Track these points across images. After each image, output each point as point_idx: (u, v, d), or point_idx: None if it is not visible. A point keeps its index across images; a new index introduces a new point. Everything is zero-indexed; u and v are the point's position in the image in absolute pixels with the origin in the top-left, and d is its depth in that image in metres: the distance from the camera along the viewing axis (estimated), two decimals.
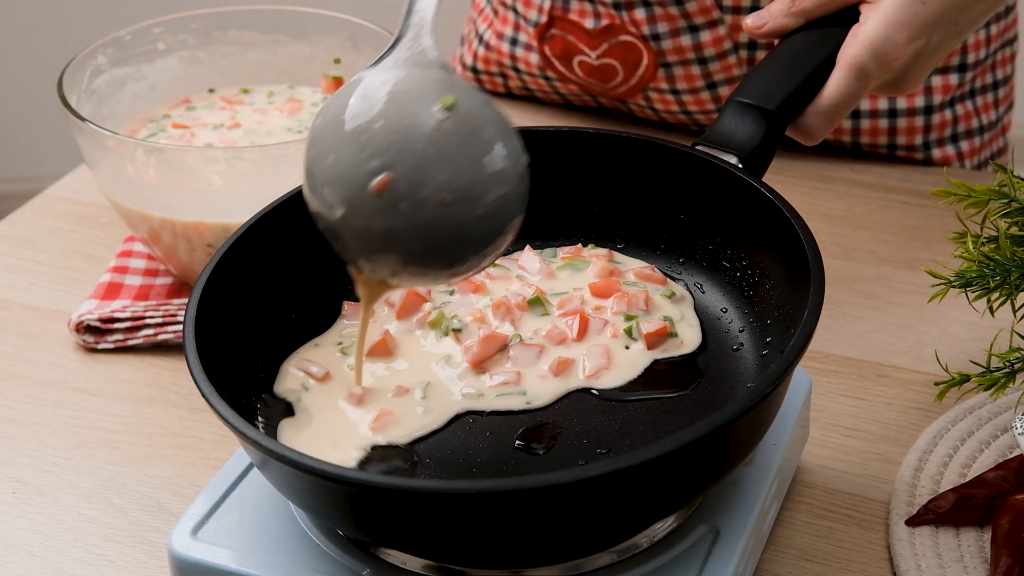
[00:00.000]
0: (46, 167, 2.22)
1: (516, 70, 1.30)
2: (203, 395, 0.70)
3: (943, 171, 0.92)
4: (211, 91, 1.16)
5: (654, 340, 0.81)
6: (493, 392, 0.78)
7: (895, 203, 1.18)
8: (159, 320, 1.01)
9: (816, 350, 1.00)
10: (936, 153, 1.24)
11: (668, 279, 0.86)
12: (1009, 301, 0.83)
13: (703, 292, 0.86)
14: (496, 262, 0.86)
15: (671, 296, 0.85)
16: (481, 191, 0.69)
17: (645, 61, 1.21)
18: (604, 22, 1.21)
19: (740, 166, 0.83)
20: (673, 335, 0.82)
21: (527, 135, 0.85)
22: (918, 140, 1.23)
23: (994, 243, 0.83)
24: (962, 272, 0.83)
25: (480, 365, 0.80)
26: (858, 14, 0.88)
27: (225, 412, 0.69)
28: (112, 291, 1.05)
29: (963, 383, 0.83)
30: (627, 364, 0.80)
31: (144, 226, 1.02)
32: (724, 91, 1.22)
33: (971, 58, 1.21)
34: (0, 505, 0.88)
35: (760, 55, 1.20)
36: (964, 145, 1.25)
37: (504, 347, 0.80)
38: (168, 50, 1.15)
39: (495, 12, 1.31)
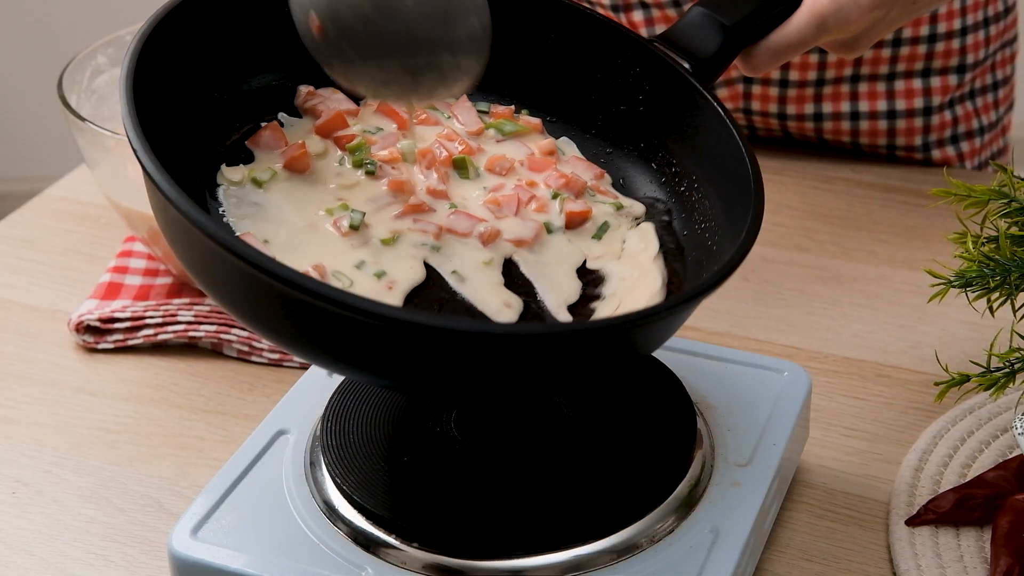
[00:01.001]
0: (46, 167, 2.22)
1: None
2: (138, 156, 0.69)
3: (943, 171, 0.92)
4: None
5: (574, 221, 0.80)
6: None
7: (895, 203, 1.18)
8: (159, 320, 1.01)
9: (816, 350, 1.00)
10: (936, 154, 1.24)
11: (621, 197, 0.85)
12: (1009, 301, 0.83)
13: (623, 187, 0.86)
14: (431, 106, 0.86)
15: (618, 208, 0.83)
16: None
17: None
18: None
19: (690, 69, 0.83)
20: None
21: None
22: (918, 141, 1.23)
23: (994, 243, 0.83)
24: (962, 272, 0.83)
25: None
26: None
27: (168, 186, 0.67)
28: (112, 291, 1.05)
29: (963, 383, 0.83)
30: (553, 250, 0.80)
31: (144, 226, 1.02)
32: (721, 92, 1.22)
33: (970, 59, 1.21)
34: (0, 505, 0.88)
35: None
36: (964, 146, 1.25)
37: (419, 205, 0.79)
38: None
39: None
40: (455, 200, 0.81)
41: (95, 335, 1.02)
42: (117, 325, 1.02)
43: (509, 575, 0.73)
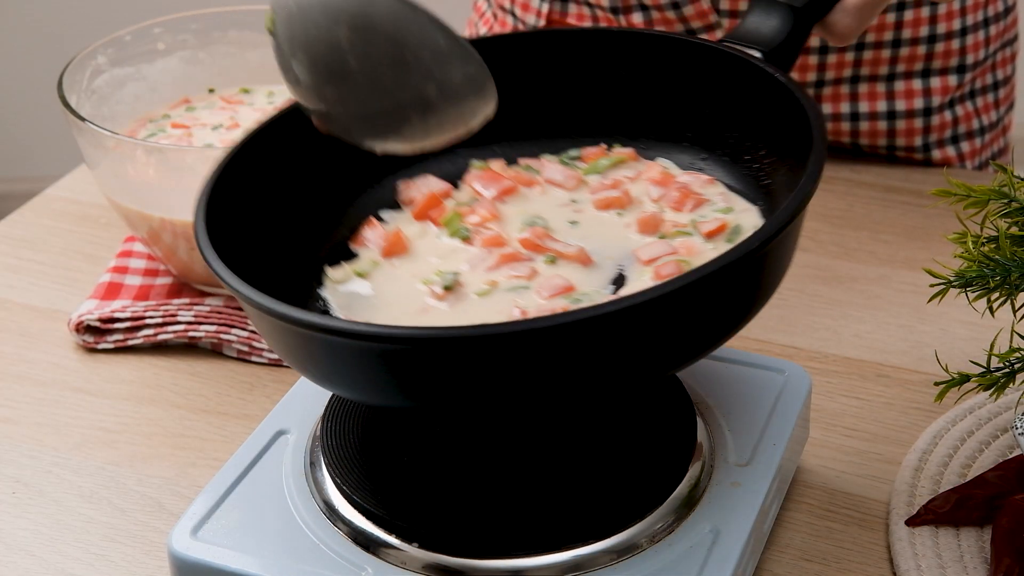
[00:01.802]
0: (46, 167, 2.22)
1: None
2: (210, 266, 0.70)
3: (943, 171, 0.92)
4: (211, 91, 1.16)
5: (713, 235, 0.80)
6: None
7: (895, 203, 1.18)
8: (159, 320, 1.01)
9: (816, 350, 1.00)
10: (936, 154, 1.24)
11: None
12: (1009, 301, 0.83)
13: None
14: (521, 163, 0.87)
15: (728, 211, 0.83)
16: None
17: None
18: (602, 26, 1.21)
19: (763, 59, 0.83)
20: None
21: (548, 36, 0.86)
22: (918, 142, 1.23)
23: (994, 243, 0.83)
24: (962, 272, 0.83)
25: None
26: None
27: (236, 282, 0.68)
28: (112, 291, 1.05)
29: (963, 383, 0.83)
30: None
31: (144, 226, 1.02)
32: None
33: (970, 59, 1.21)
34: (0, 505, 0.88)
35: None
36: (965, 146, 1.25)
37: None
38: (168, 50, 1.15)
39: (495, 16, 1.31)
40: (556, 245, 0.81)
41: (95, 335, 1.02)
42: (117, 325, 1.02)
43: (509, 575, 0.73)
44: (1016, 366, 0.83)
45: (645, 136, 0.89)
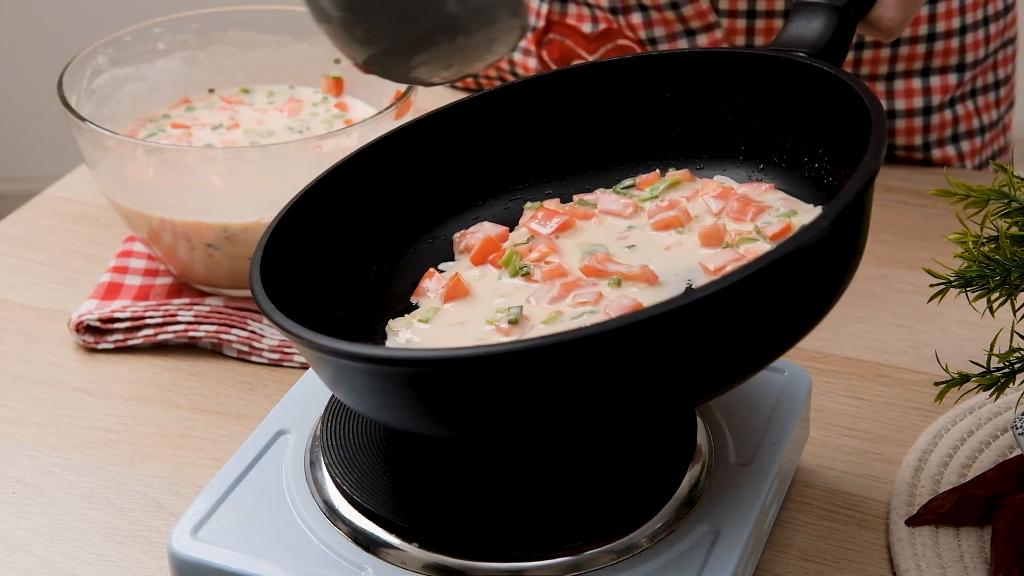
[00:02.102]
0: (46, 167, 2.22)
1: (515, 75, 1.30)
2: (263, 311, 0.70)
3: (943, 171, 0.92)
4: (211, 91, 1.16)
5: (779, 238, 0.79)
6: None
7: (895, 203, 1.18)
8: (159, 320, 1.01)
9: (816, 350, 1.00)
10: (936, 153, 1.24)
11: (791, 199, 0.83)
12: (1009, 301, 0.83)
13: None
14: (575, 199, 0.87)
15: (792, 215, 0.82)
16: None
17: None
18: (602, 26, 1.21)
19: (806, 58, 0.81)
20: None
21: (587, 70, 0.86)
22: (918, 141, 1.23)
23: (994, 243, 0.83)
24: (962, 272, 0.83)
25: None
26: None
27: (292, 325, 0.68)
28: (112, 291, 1.05)
29: (963, 383, 0.83)
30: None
31: (144, 226, 1.02)
32: None
33: (970, 58, 1.21)
34: (0, 505, 0.88)
35: None
36: (965, 145, 1.25)
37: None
38: (168, 50, 1.15)
39: None
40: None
41: (95, 335, 1.02)
42: (117, 325, 1.02)
43: (509, 573, 0.73)
44: (1016, 366, 0.83)
45: (698, 155, 0.88)
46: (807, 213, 0.81)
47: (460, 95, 1.36)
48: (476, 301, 0.81)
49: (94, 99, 1.10)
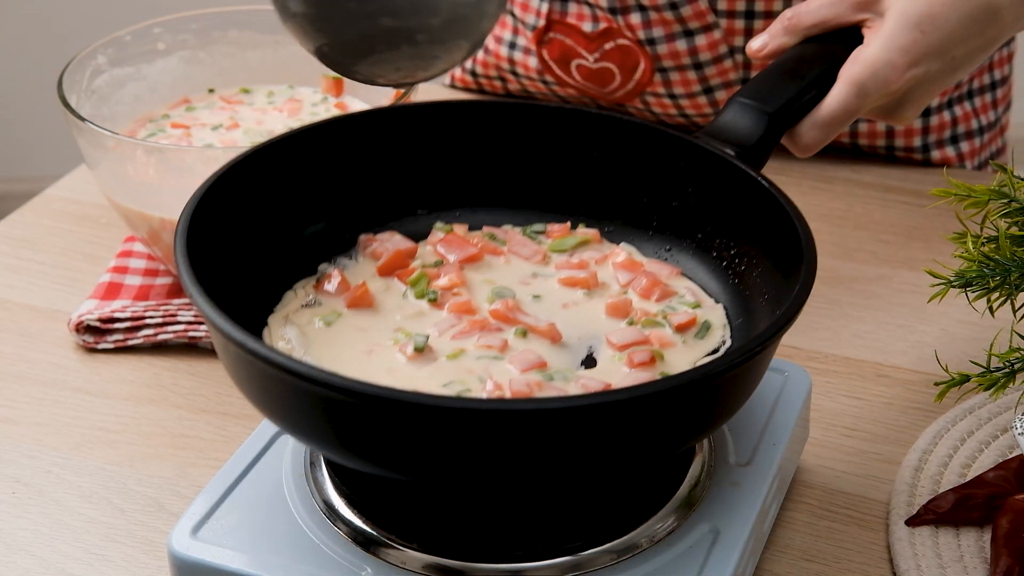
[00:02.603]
0: (46, 167, 2.22)
1: (515, 74, 1.30)
2: (190, 294, 0.70)
3: (943, 171, 0.92)
4: (211, 91, 1.16)
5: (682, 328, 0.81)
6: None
7: (895, 203, 1.18)
8: (159, 320, 1.01)
9: (816, 350, 1.00)
10: (936, 154, 1.24)
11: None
12: (1009, 301, 0.83)
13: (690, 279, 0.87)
14: (486, 232, 0.88)
15: (695, 307, 0.84)
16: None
17: (642, 65, 1.21)
18: (602, 25, 1.21)
19: (735, 157, 0.83)
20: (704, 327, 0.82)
21: (527, 110, 0.88)
22: (917, 142, 1.23)
23: (994, 243, 0.83)
24: (962, 272, 0.83)
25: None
26: (859, 36, 0.90)
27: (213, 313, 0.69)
28: (112, 291, 1.05)
29: (963, 383, 0.83)
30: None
31: (144, 226, 1.02)
32: (720, 95, 1.22)
33: None
34: (0, 505, 0.88)
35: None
36: (964, 146, 1.25)
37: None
38: (168, 50, 1.15)
39: None
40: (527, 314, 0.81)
41: (95, 335, 1.02)
42: (117, 325, 1.02)
43: (508, 573, 0.73)
44: (1016, 366, 0.83)
45: (611, 219, 0.89)
46: (711, 309, 0.83)
47: (461, 94, 1.36)
48: (379, 314, 0.82)
49: (94, 99, 1.10)
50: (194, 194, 0.78)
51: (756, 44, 0.92)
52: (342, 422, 0.68)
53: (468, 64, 1.35)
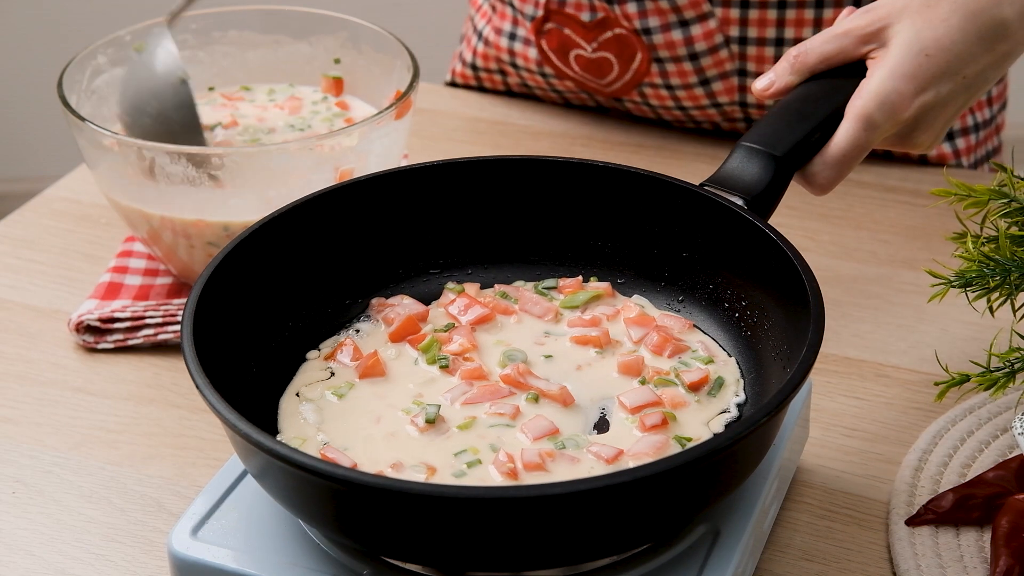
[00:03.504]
0: (46, 167, 2.22)
1: (515, 66, 1.30)
2: (200, 391, 0.70)
3: (943, 171, 0.92)
4: (211, 89, 1.16)
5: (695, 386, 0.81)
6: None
7: (895, 203, 1.18)
8: (159, 320, 1.01)
9: None
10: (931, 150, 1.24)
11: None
12: (1009, 301, 0.83)
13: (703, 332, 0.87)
14: (497, 291, 0.89)
15: (708, 362, 0.84)
16: None
17: (639, 55, 1.21)
18: (600, 15, 1.21)
19: (746, 207, 0.83)
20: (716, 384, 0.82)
21: (533, 164, 0.88)
22: None
23: (994, 243, 0.83)
24: (962, 272, 0.83)
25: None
26: (864, 69, 0.89)
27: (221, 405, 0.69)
28: (112, 291, 1.05)
29: (963, 383, 0.83)
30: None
31: (144, 226, 1.02)
32: (717, 86, 1.22)
33: None
34: (0, 505, 0.88)
35: (752, 51, 1.20)
36: (960, 142, 1.25)
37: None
38: None
39: (493, 8, 1.31)
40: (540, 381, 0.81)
41: (95, 335, 1.02)
42: (117, 325, 1.02)
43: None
44: (1016, 366, 0.83)
45: (621, 271, 0.90)
46: (724, 364, 0.83)
47: (461, 92, 1.36)
48: (391, 383, 0.82)
49: (94, 99, 1.10)
50: (201, 276, 0.79)
51: (762, 84, 0.91)
52: (340, 510, 0.69)
53: (468, 58, 1.35)
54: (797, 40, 1.18)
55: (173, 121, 1.06)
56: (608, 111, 1.32)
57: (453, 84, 1.39)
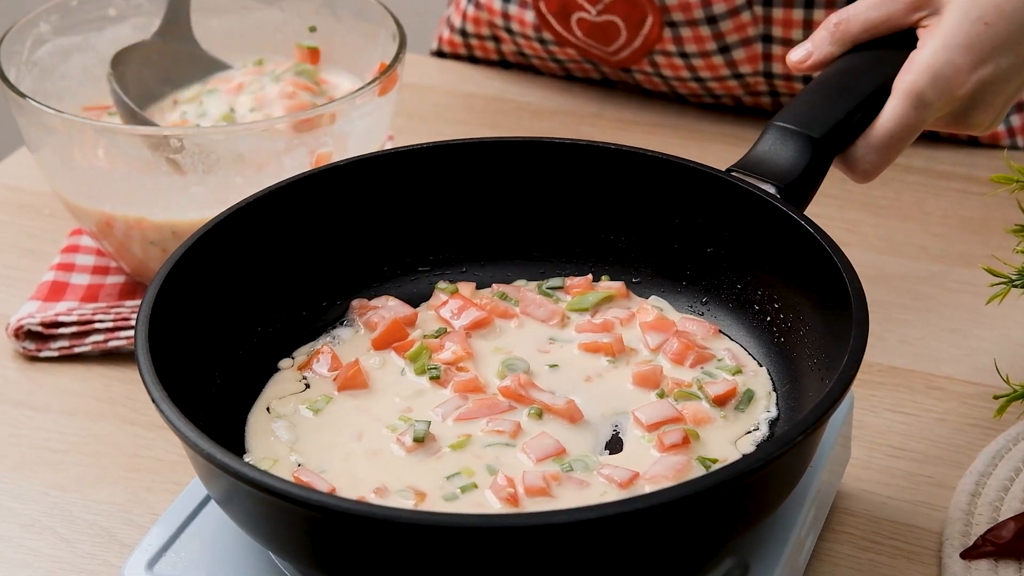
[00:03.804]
0: None
1: (509, 31, 1.30)
2: (156, 405, 0.70)
3: (1003, 154, 0.92)
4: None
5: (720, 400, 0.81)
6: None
7: (948, 191, 1.18)
8: (110, 325, 1.01)
9: None
10: None
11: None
12: None
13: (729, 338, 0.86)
14: (496, 291, 0.88)
15: (736, 371, 0.83)
16: None
17: (650, 19, 1.21)
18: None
19: (779, 196, 0.83)
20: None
21: (535, 147, 0.87)
22: None
23: None
24: None
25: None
26: (914, 39, 0.88)
27: (183, 425, 0.69)
28: (56, 291, 1.05)
29: None
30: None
31: (92, 218, 1.02)
32: (739, 54, 1.22)
33: None
34: None
35: (777, 12, 1.19)
36: (1015, 120, 1.25)
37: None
38: (120, 16, 1.15)
39: None
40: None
41: (37, 341, 1.02)
42: (62, 330, 1.02)
43: None
44: None
45: (636, 268, 0.89)
46: (754, 376, 0.83)
47: (447, 63, 1.36)
48: (374, 396, 0.82)
49: (36, 72, 1.10)
50: (157, 274, 0.78)
51: (798, 55, 0.91)
52: (316, 541, 0.68)
53: (457, 23, 1.35)
54: (828, 2, 1.18)
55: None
56: (615, 84, 1.32)
57: (439, 53, 1.39)
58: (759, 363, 0.84)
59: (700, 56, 1.23)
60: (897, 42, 0.89)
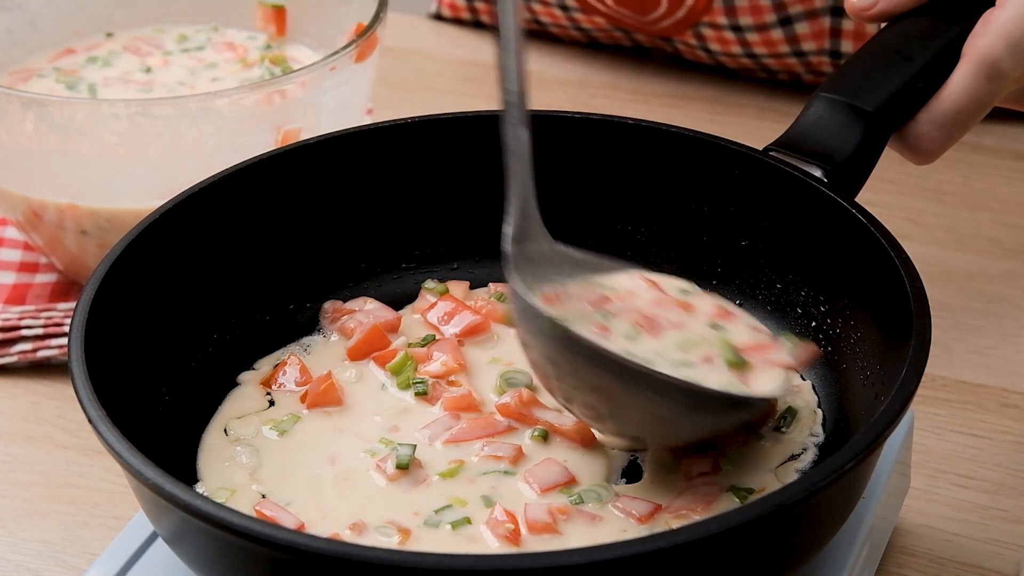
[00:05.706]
0: None
1: None
2: (93, 426, 0.70)
3: None
4: (109, 35, 1.16)
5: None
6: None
7: (1020, 173, 1.18)
8: (39, 331, 1.01)
9: None
10: None
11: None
12: None
13: None
14: (493, 292, 0.89)
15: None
16: None
17: None
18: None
19: (826, 181, 0.83)
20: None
21: (542, 122, 0.85)
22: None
23: None
24: None
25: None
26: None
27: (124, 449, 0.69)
28: None
29: None
30: None
31: (19, 207, 1.02)
32: (802, 28, 1.22)
33: None
34: None
35: None
36: None
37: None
38: None
39: None
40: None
41: None
42: None
43: None
44: None
45: (661, 264, 0.89)
46: (795, 391, 0.82)
47: (448, 28, 1.37)
48: (350, 414, 0.82)
49: None
50: (95, 272, 0.78)
51: (863, 0, 0.91)
52: None
53: None
54: None
55: None
56: (649, 52, 1.32)
57: (438, 17, 1.39)
58: (802, 376, 0.84)
59: (756, 30, 1.23)
60: (969, 1, 0.88)
